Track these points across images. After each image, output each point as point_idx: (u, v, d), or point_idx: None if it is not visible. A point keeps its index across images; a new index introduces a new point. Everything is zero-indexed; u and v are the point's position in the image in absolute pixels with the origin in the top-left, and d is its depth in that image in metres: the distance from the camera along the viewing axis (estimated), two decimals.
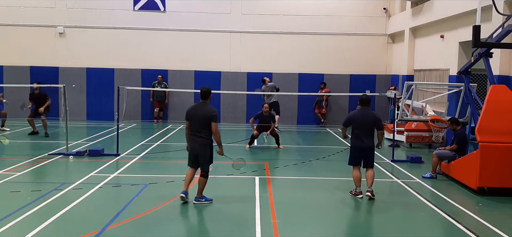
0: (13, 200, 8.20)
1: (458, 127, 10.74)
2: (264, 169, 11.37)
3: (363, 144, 8.85)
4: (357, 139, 8.90)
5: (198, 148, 8.15)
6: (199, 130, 8.12)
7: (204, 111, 8.12)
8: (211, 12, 20.38)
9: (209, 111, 8.12)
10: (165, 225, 7.24)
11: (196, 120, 8.14)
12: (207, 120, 8.07)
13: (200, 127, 8.11)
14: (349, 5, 20.62)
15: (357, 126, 8.94)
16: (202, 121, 8.10)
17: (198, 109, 8.22)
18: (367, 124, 8.89)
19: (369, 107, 9.13)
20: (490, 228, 7.28)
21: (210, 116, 8.08)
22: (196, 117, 8.16)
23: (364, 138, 8.85)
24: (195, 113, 8.17)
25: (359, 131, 8.90)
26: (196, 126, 8.13)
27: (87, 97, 20.48)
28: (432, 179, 10.50)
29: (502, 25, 10.16)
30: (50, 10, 20.16)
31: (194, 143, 8.18)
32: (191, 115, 8.20)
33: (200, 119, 8.12)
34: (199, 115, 8.13)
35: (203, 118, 8.10)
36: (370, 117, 8.98)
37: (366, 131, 8.88)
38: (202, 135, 8.12)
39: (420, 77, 17.65)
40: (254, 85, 19.78)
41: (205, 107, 8.18)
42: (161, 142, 15.03)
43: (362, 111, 9.07)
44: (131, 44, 20.36)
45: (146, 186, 9.36)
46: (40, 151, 12.75)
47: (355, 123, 8.98)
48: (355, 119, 9.02)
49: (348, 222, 7.82)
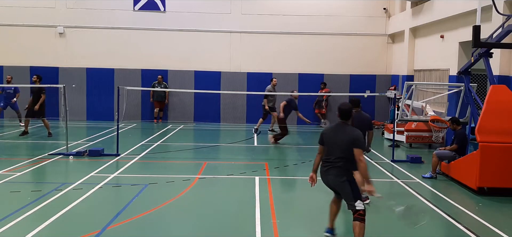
0: (13, 200, 8.20)
1: (458, 127, 10.75)
2: (264, 169, 11.36)
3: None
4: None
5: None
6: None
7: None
8: (211, 12, 20.37)
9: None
10: (165, 225, 7.24)
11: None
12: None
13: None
14: (349, 5, 20.62)
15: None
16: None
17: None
18: (360, 127, 8.79)
19: (360, 108, 9.17)
20: (490, 228, 7.28)
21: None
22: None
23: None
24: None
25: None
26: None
27: (87, 97, 20.48)
28: (432, 179, 10.51)
29: (502, 25, 10.16)
30: (50, 10, 20.16)
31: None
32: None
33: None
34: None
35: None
36: (364, 119, 9.03)
37: (363, 132, 8.78)
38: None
39: (420, 77, 17.65)
40: (254, 85, 19.81)
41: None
42: (161, 142, 15.03)
43: (356, 114, 8.91)
44: (131, 44, 20.36)
45: (146, 186, 9.36)
46: (40, 151, 12.75)
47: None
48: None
49: (348, 222, 7.80)
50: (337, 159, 6.32)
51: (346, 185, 6.26)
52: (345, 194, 6.31)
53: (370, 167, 11.84)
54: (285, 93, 19.51)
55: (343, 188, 6.28)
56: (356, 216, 6.16)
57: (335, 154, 6.37)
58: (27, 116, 15.74)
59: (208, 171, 11.02)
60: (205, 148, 14.38)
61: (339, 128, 6.56)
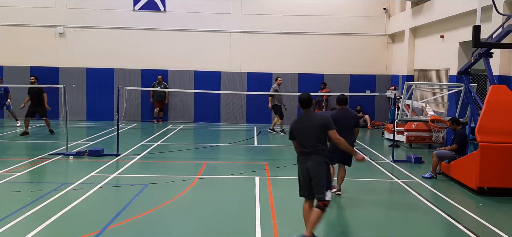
0: (13, 200, 8.20)
1: (458, 127, 10.74)
2: (264, 169, 11.36)
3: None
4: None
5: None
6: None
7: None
8: (211, 12, 20.37)
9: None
10: (165, 225, 7.25)
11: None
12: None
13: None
14: (349, 5, 20.62)
15: (338, 126, 8.92)
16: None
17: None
18: (348, 124, 8.91)
19: (347, 106, 9.16)
20: (490, 228, 7.28)
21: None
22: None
23: (345, 136, 8.79)
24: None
25: (340, 130, 8.92)
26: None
27: (87, 97, 20.48)
28: (432, 179, 10.50)
29: (502, 25, 10.16)
30: (50, 10, 20.15)
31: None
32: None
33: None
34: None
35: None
36: (351, 116, 9.05)
37: (348, 130, 8.86)
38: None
39: (420, 77, 17.65)
40: (254, 85, 19.82)
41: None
42: (161, 142, 15.03)
43: (343, 111, 9.04)
44: (131, 44, 20.36)
45: (146, 186, 9.36)
46: (40, 151, 12.75)
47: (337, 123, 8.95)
48: (337, 120, 8.98)
49: (348, 222, 7.81)
50: (315, 147, 6.38)
51: (323, 172, 6.30)
52: (319, 180, 6.27)
53: (370, 167, 11.89)
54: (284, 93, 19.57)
55: (320, 174, 6.28)
56: (320, 204, 6.24)
57: (310, 143, 6.40)
58: (27, 116, 15.75)
59: (208, 171, 11.01)
60: (205, 148, 14.37)
61: (304, 117, 6.59)
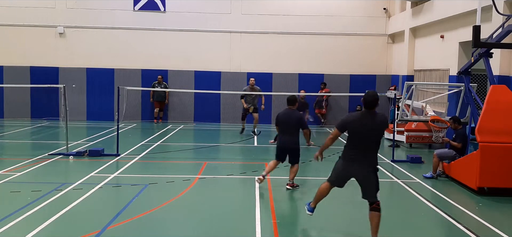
0: (13, 200, 8.20)
1: (459, 127, 10.73)
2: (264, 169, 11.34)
3: (287, 144, 9.30)
4: (284, 138, 9.33)
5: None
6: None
7: None
8: (211, 12, 20.38)
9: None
10: (165, 225, 7.24)
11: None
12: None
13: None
14: (349, 5, 20.62)
15: (281, 125, 9.38)
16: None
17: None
18: (289, 123, 9.26)
19: (295, 107, 9.49)
20: (490, 228, 7.27)
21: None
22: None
23: (289, 136, 9.25)
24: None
25: (282, 129, 9.37)
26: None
27: (87, 97, 20.48)
28: (432, 179, 10.50)
29: (502, 25, 10.16)
30: (50, 10, 20.16)
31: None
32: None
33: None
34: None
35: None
36: (293, 118, 9.33)
37: (292, 130, 9.25)
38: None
39: (420, 77, 17.65)
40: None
41: None
42: (161, 142, 15.03)
43: (288, 111, 9.38)
44: (131, 44, 20.36)
45: (146, 186, 9.36)
46: (40, 151, 12.74)
47: (279, 122, 9.40)
48: (281, 120, 9.38)
49: (348, 222, 7.81)
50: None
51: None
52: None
53: None
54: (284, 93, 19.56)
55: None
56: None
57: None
58: None
59: (208, 171, 11.01)
60: (205, 148, 14.37)
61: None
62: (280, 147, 9.42)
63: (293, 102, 9.47)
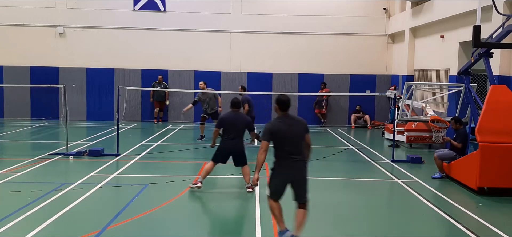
0: (13, 200, 8.20)
1: (461, 127, 10.73)
2: (264, 169, 11.35)
3: (233, 147, 9.15)
4: (228, 141, 9.14)
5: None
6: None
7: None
8: (211, 12, 20.38)
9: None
10: (165, 225, 7.24)
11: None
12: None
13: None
14: (349, 5, 20.62)
15: (228, 129, 9.19)
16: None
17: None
18: (239, 127, 9.19)
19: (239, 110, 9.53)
20: (490, 228, 7.27)
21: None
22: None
23: (235, 139, 9.16)
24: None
25: (231, 132, 9.16)
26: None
27: (87, 97, 20.48)
28: (441, 179, 10.47)
29: (502, 25, 10.16)
30: (50, 10, 20.16)
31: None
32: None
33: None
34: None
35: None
36: (242, 120, 9.31)
37: (239, 133, 9.19)
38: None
39: (420, 77, 17.65)
40: (254, 85, 19.80)
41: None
42: (161, 142, 15.03)
43: (235, 114, 9.29)
44: (131, 44, 20.36)
45: (146, 186, 9.36)
46: (40, 151, 12.74)
47: (227, 125, 9.22)
48: (227, 122, 9.25)
49: (348, 222, 7.81)
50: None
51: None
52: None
53: (370, 167, 11.89)
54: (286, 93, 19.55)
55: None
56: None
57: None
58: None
59: None
60: (205, 148, 14.36)
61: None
62: (225, 149, 9.16)
63: (238, 105, 9.42)
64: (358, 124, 20.21)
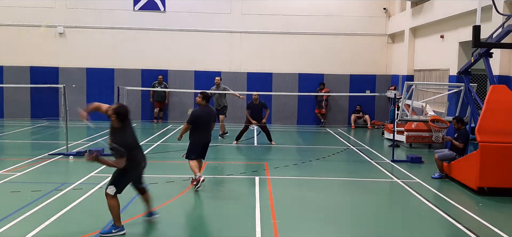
0: (13, 200, 8.20)
1: (462, 127, 10.72)
2: (264, 169, 11.36)
3: (207, 140, 9.60)
4: (202, 135, 9.46)
5: None
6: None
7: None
8: (211, 12, 20.38)
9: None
10: (165, 225, 7.24)
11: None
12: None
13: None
14: (349, 5, 20.62)
15: (202, 123, 9.43)
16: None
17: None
18: (210, 121, 9.57)
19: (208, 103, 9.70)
20: (490, 228, 7.28)
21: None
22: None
23: (208, 132, 9.58)
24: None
25: (204, 126, 9.49)
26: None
27: (87, 97, 20.46)
28: (441, 179, 10.47)
29: (502, 25, 10.16)
30: (50, 10, 20.15)
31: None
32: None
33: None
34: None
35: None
36: (212, 113, 9.73)
37: (209, 125, 9.58)
38: None
39: (420, 77, 17.65)
40: (254, 85, 19.81)
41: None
42: (161, 142, 15.03)
43: (205, 109, 9.53)
44: (131, 44, 20.36)
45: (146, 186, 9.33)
46: (40, 151, 12.75)
47: (200, 120, 9.44)
48: (200, 117, 9.45)
49: (348, 222, 7.81)
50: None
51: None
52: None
53: (370, 167, 11.89)
54: (284, 93, 19.60)
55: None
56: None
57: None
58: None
59: (208, 171, 11.01)
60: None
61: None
62: (202, 143, 9.45)
63: (208, 98, 9.66)
64: (358, 124, 20.21)
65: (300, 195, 9.18)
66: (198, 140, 9.43)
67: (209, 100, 9.68)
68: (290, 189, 9.76)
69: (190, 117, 9.46)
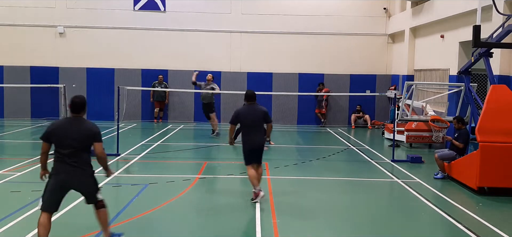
0: (13, 200, 8.20)
1: (463, 127, 10.72)
2: (264, 169, 11.35)
3: (254, 143, 8.41)
4: (248, 137, 8.40)
5: None
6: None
7: None
8: (211, 12, 20.38)
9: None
10: (165, 225, 7.25)
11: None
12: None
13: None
14: (349, 5, 20.62)
15: (246, 124, 8.40)
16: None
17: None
18: (255, 121, 8.39)
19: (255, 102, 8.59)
20: (490, 228, 7.28)
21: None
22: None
23: (255, 136, 8.39)
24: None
25: (249, 129, 8.40)
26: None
27: (87, 97, 20.11)
28: (443, 179, 10.47)
29: (502, 25, 10.16)
30: (50, 10, 20.15)
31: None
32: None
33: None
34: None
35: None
36: (258, 113, 8.42)
37: (255, 128, 8.40)
38: None
39: (420, 77, 17.65)
40: (254, 85, 19.79)
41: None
42: (161, 142, 15.03)
43: (250, 107, 8.51)
44: (131, 44, 20.36)
45: (146, 186, 9.36)
46: (40, 151, 12.70)
47: (244, 120, 8.42)
48: (242, 116, 8.44)
49: (348, 222, 7.81)
50: (71, 153, 6.58)
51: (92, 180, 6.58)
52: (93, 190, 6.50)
53: (370, 167, 11.90)
54: (285, 93, 19.59)
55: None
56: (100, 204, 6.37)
57: (70, 146, 6.52)
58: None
59: (208, 171, 11.02)
60: (205, 148, 14.37)
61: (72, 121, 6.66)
62: (249, 148, 8.40)
63: (251, 97, 8.54)
64: (358, 124, 20.21)
65: (300, 195, 9.18)
66: (244, 143, 8.48)
67: (254, 99, 8.55)
68: (290, 189, 9.75)
69: (232, 116, 8.53)
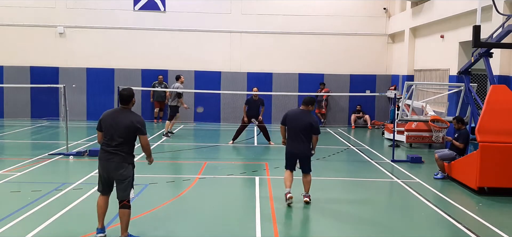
0: (13, 200, 8.20)
1: (463, 127, 10.72)
2: (264, 169, 11.36)
3: (295, 150, 8.24)
4: (290, 141, 8.29)
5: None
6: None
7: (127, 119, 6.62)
8: (211, 12, 20.37)
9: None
10: (165, 225, 7.24)
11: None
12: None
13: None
14: (349, 5, 20.62)
15: (291, 127, 8.23)
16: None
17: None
18: (298, 127, 8.17)
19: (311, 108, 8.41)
20: (490, 228, 7.28)
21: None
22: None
23: (296, 142, 8.19)
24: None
25: (293, 134, 8.23)
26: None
27: (87, 97, 20.47)
28: (444, 179, 10.46)
29: (502, 25, 10.16)
30: (50, 10, 20.15)
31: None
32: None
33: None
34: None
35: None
36: (305, 120, 8.20)
37: (299, 135, 8.18)
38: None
39: (420, 77, 17.65)
40: (254, 85, 19.77)
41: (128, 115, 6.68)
42: (161, 142, 15.03)
43: (299, 111, 8.37)
44: (131, 44, 20.36)
45: (146, 186, 9.36)
46: (40, 151, 12.74)
47: (290, 123, 8.27)
48: (289, 118, 8.28)
49: (348, 222, 7.81)
50: (118, 146, 6.44)
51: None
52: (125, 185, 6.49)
53: (370, 167, 11.90)
54: (285, 93, 19.58)
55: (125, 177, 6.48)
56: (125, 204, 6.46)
57: (116, 140, 6.43)
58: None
59: (208, 171, 11.01)
60: (205, 148, 14.37)
61: (119, 113, 6.62)
62: (289, 152, 8.32)
63: (309, 103, 8.30)
64: (358, 124, 20.21)
65: (300, 195, 9.17)
66: (287, 146, 8.37)
67: (307, 104, 8.27)
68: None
69: (283, 117, 8.44)
